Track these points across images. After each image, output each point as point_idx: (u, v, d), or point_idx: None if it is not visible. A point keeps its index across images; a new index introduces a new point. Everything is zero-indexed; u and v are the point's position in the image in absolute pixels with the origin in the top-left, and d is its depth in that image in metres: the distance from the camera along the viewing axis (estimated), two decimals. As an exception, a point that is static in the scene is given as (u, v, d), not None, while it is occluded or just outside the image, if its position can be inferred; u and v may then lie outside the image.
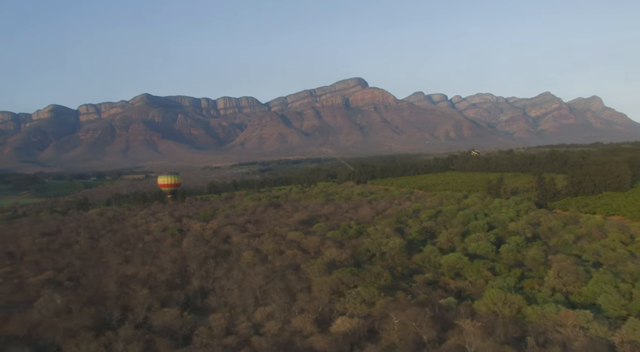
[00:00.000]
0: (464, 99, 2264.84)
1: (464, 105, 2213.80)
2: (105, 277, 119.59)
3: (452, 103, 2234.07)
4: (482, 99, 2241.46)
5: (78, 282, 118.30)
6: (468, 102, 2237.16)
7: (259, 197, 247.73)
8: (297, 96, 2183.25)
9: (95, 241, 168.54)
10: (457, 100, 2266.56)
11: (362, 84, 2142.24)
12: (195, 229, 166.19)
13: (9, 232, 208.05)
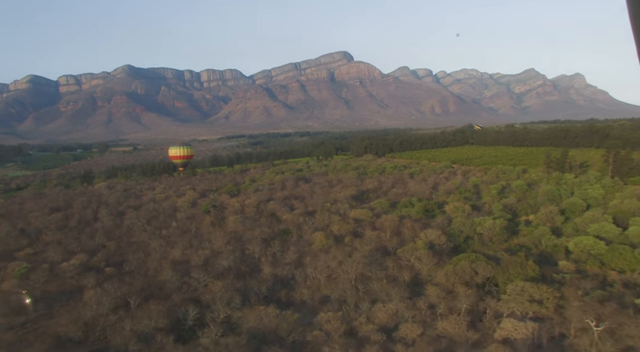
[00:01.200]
0: (448, 75, 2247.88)
1: (448, 80, 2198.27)
2: (151, 262, 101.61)
3: (437, 78, 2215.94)
4: (466, 75, 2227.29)
5: (120, 268, 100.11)
6: (453, 78, 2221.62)
7: (281, 171, 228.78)
8: (282, 69, 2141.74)
9: (118, 218, 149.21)
10: (442, 75, 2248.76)
11: (347, 57, 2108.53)
12: (232, 205, 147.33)
13: (12, 207, 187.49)
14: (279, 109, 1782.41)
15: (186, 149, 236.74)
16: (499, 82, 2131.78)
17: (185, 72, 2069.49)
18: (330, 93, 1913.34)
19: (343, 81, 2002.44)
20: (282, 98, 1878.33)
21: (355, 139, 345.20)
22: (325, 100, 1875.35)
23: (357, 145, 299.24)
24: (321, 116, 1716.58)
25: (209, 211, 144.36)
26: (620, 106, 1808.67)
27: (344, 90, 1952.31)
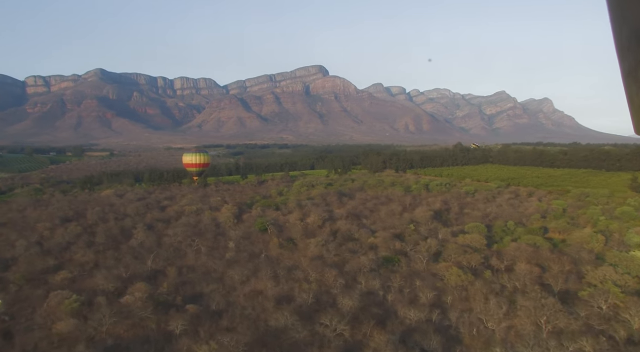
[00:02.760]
0: (422, 93, 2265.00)
1: (421, 99, 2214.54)
2: (241, 298, 79.31)
3: (411, 97, 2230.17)
4: (439, 95, 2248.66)
5: (204, 305, 77.38)
6: (426, 97, 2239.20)
7: (311, 184, 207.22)
8: (257, 81, 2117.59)
9: (154, 234, 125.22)
10: (416, 94, 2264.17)
11: (323, 72, 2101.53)
12: (291, 223, 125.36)
13: (12, 215, 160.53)
14: (253, 120, 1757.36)
15: (202, 156, 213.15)
16: (470, 103, 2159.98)
17: (159, 78, 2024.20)
18: (305, 107, 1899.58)
19: (318, 95, 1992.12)
20: (257, 109, 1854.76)
21: (372, 154, 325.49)
22: (299, 113, 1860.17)
23: (375, 160, 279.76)
24: (296, 129, 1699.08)
25: (266, 230, 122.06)
26: (586, 132, 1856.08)
27: (318, 104, 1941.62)
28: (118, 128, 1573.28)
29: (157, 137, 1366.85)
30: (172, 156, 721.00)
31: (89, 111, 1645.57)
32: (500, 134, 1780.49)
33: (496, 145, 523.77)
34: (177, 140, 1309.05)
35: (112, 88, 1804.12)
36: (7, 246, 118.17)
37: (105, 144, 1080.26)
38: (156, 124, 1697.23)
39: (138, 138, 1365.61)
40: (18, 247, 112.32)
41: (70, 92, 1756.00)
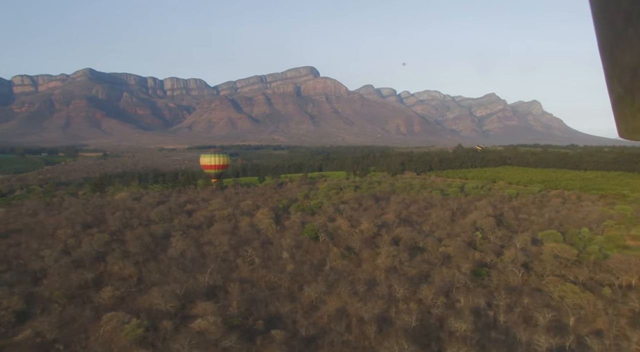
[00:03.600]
0: (412, 95, 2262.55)
1: (412, 100, 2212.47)
2: (325, 320, 68.59)
3: (401, 98, 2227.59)
4: (429, 96, 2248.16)
5: (291, 329, 66.55)
6: (416, 98, 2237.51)
7: (338, 186, 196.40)
8: (247, 81, 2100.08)
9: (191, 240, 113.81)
10: (406, 95, 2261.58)
11: (313, 73, 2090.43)
12: (343, 229, 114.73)
13: (26, 219, 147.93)
14: (244, 121, 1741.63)
15: (221, 157, 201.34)
16: (460, 105, 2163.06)
17: (149, 79, 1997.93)
18: (295, 107, 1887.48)
19: (309, 96, 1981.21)
20: (248, 110, 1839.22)
21: (390, 155, 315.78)
22: (290, 114, 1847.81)
23: (393, 162, 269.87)
24: (287, 130, 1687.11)
25: (317, 237, 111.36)
26: (574, 134, 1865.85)
27: (309, 105, 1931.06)
28: (107, 128, 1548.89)
29: (148, 138, 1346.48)
30: (167, 157, 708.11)
31: (77, 111, 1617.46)
32: (490, 136, 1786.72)
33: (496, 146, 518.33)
34: (167, 140, 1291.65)
35: (101, 88, 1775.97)
36: (31, 255, 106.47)
37: (94, 145, 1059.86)
38: (146, 125, 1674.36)
39: (128, 138, 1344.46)
40: (46, 258, 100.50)
41: (58, 91, 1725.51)
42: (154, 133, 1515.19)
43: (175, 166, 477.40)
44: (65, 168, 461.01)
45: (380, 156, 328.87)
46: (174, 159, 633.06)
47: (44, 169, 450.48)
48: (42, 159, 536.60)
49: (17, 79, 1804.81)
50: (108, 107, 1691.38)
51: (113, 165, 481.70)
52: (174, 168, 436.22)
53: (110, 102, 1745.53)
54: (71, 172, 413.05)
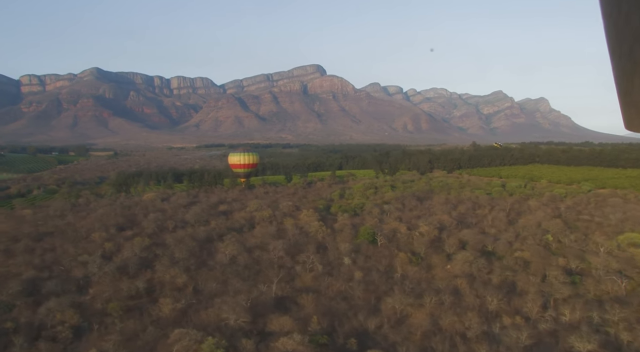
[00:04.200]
0: (418, 93, 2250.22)
1: (418, 98, 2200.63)
2: (418, 337, 60.96)
3: (407, 96, 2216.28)
4: (436, 94, 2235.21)
5: (388, 349, 58.97)
6: (423, 96, 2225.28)
7: (373, 185, 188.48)
8: (254, 80, 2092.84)
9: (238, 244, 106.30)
10: (412, 93, 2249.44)
11: (320, 71, 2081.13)
12: (401, 232, 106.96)
13: (56, 221, 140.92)
14: (250, 119, 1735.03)
15: (250, 156, 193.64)
16: (467, 103, 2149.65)
17: (155, 78, 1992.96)
18: (302, 106, 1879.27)
19: (316, 94, 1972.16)
20: (254, 109, 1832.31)
21: (416, 153, 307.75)
22: (297, 112, 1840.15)
23: (421, 160, 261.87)
24: (294, 129, 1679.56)
25: (375, 241, 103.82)
26: (582, 131, 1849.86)
27: (316, 103, 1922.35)
28: (115, 127, 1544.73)
29: (156, 137, 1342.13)
30: (177, 156, 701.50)
31: (85, 110, 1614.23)
32: (498, 134, 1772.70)
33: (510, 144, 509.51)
34: (175, 139, 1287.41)
35: (108, 87, 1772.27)
36: (71, 261, 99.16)
37: (102, 144, 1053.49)
38: (153, 123, 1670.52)
39: (136, 137, 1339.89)
40: (89, 264, 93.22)
41: (65, 91, 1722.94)
42: (161, 132, 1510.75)
43: (188, 165, 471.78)
44: (78, 167, 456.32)
45: (401, 154, 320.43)
46: (185, 158, 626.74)
47: (57, 168, 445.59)
48: (54, 158, 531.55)
49: (25, 78, 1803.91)
50: (115, 106, 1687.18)
51: (126, 164, 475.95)
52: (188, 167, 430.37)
53: (117, 101, 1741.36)
54: (85, 171, 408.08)
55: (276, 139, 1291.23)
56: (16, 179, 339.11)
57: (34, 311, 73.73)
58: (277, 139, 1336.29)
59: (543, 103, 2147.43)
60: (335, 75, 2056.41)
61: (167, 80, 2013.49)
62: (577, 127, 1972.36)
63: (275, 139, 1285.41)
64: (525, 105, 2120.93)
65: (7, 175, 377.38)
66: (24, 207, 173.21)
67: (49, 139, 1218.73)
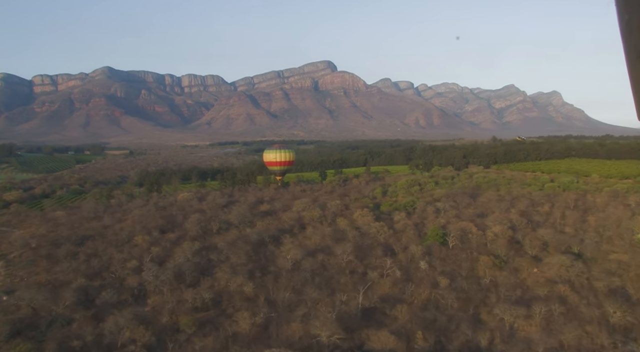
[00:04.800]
0: (429, 88, 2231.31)
1: (429, 93, 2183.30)
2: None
3: (418, 91, 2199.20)
4: (447, 89, 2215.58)
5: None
6: (434, 91, 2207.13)
7: (416, 182, 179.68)
8: (265, 77, 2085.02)
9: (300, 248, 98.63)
10: (423, 88, 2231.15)
11: (331, 67, 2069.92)
12: (474, 233, 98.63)
13: (93, 224, 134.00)
14: (262, 116, 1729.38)
15: (286, 153, 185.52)
16: (479, 97, 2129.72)
17: (166, 76, 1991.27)
18: (314, 102, 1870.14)
19: (327, 91, 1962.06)
20: (266, 106, 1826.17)
21: (452, 149, 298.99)
22: (309, 109, 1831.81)
23: (455, 155, 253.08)
24: (306, 125, 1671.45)
25: (445, 242, 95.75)
26: (596, 124, 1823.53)
27: (327, 99, 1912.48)
28: (127, 126, 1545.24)
29: (168, 135, 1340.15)
30: (192, 154, 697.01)
31: (97, 109, 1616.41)
32: (511, 128, 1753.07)
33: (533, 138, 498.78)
34: (188, 137, 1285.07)
35: (119, 86, 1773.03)
36: (120, 267, 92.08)
37: (115, 142, 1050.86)
38: (165, 122, 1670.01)
39: (149, 136, 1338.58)
40: (145, 273, 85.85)
41: (77, 90, 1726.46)
42: (173, 130, 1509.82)
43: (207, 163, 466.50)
44: (97, 166, 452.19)
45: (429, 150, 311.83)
46: (200, 156, 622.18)
47: (76, 167, 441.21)
48: (72, 157, 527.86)
49: (37, 78, 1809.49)
50: (127, 105, 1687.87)
51: (144, 163, 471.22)
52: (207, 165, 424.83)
53: (129, 100, 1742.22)
54: (105, 171, 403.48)
55: (288, 136, 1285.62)
56: (37, 179, 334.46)
57: (95, 325, 66.79)
58: (289, 135, 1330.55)
59: (555, 96, 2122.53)
60: (346, 71, 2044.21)
61: (178, 79, 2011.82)
62: (590, 121, 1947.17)
63: (287, 136, 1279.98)
64: (538, 99, 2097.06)
65: (28, 175, 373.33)
66: (54, 209, 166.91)
67: (62, 138, 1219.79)
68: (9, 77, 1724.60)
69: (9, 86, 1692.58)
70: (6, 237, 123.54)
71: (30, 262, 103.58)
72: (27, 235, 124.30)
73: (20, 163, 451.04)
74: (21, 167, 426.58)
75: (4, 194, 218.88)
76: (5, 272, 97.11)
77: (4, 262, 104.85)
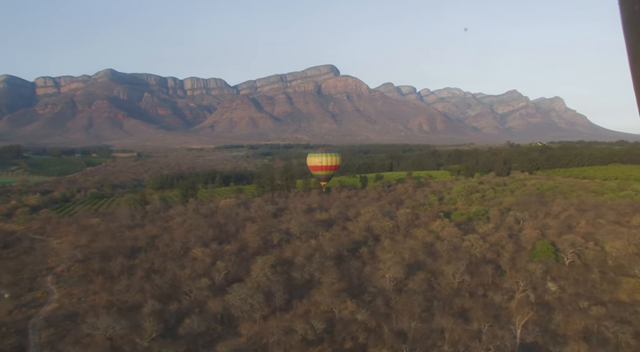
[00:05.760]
0: (432, 93, 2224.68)
1: (432, 98, 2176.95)
2: None
3: (421, 96, 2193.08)
4: (450, 94, 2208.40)
5: None
6: (436, 96, 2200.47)
7: (474, 189, 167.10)
8: (267, 80, 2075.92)
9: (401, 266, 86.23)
10: (426, 93, 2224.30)
11: (334, 71, 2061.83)
12: (590, 247, 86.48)
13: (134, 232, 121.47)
14: (265, 120, 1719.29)
15: (333, 157, 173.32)
16: (482, 102, 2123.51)
17: (169, 79, 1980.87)
18: (317, 106, 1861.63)
19: (330, 95, 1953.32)
20: (269, 109, 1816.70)
21: (487, 154, 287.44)
22: (312, 113, 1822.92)
23: (494, 160, 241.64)
24: (309, 129, 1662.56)
25: (557, 258, 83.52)
26: (598, 130, 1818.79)
27: (330, 103, 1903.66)
28: (129, 129, 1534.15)
29: (172, 138, 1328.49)
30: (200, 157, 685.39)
31: (99, 112, 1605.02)
32: (513, 133, 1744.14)
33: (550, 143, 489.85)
34: (191, 141, 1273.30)
35: (122, 88, 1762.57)
36: (193, 288, 79.69)
37: (118, 145, 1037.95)
38: (167, 125, 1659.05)
39: (152, 139, 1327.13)
40: (230, 295, 73.23)
41: (80, 92, 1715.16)
42: (176, 133, 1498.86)
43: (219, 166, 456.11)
44: (108, 169, 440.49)
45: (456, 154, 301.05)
46: (209, 159, 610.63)
47: (87, 170, 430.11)
48: (81, 160, 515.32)
49: (40, 80, 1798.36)
50: (129, 107, 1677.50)
51: (157, 166, 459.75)
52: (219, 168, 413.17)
53: (131, 102, 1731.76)
54: (117, 174, 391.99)
55: (292, 140, 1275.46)
56: (51, 181, 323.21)
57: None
58: (293, 139, 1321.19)
59: (558, 102, 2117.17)
60: (349, 75, 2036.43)
61: (180, 82, 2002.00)
62: (593, 127, 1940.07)
63: (291, 140, 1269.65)
64: (540, 105, 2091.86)
65: (39, 177, 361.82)
66: (87, 215, 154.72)
67: (64, 140, 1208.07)
68: (12, 79, 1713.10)
69: (11, 88, 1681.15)
70: (48, 248, 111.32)
71: (82, 277, 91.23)
72: (68, 245, 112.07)
73: (30, 165, 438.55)
74: (31, 170, 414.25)
75: (22, 197, 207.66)
76: (59, 291, 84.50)
77: (53, 277, 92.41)
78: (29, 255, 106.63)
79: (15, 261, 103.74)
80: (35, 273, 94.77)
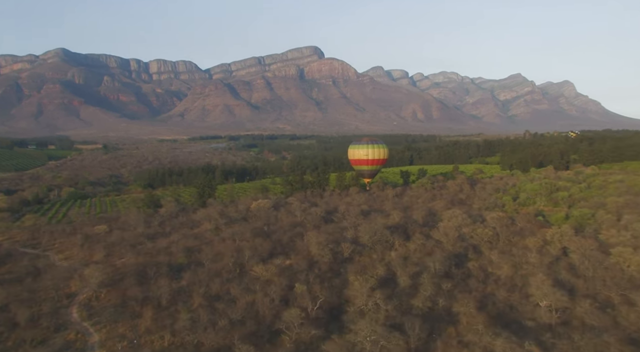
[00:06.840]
0: (426, 77, 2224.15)
1: (426, 83, 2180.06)
2: None
3: (414, 81, 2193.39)
4: (446, 78, 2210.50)
5: None
6: (431, 81, 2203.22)
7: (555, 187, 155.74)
8: (244, 64, 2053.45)
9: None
10: (419, 78, 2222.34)
11: (318, 53, 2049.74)
12: None
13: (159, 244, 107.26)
14: (242, 108, 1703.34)
15: (380, 149, 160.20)
16: (481, 88, 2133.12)
17: (132, 61, 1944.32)
18: (299, 92, 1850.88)
19: (314, 80, 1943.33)
20: (245, 96, 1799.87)
21: (534, 146, 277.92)
22: (294, 100, 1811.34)
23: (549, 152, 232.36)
24: (291, 118, 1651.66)
25: None
26: (614, 117, 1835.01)
27: (314, 89, 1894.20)
28: (87, 117, 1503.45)
29: (137, 128, 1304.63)
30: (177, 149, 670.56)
31: (51, 97, 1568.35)
32: (517, 122, 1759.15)
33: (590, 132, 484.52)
34: (160, 131, 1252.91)
35: (77, 71, 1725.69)
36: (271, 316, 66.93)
37: (75, 136, 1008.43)
38: (131, 113, 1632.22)
39: (114, 128, 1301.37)
40: (352, 335, 60.30)
41: (26, 74, 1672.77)
42: (142, 122, 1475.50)
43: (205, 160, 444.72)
44: (75, 164, 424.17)
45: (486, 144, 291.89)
46: (189, 152, 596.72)
47: (50, 164, 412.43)
48: (41, 152, 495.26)
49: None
50: (86, 93, 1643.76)
51: (133, 160, 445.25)
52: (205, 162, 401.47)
53: (89, 87, 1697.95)
54: (88, 169, 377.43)
55: (273, 130, 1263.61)
56: (10, 178, 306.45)
57: None
58: (274, 129, 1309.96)
59: (568, 87, 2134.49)
60: (334, 58, 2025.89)
61: (145, 64, 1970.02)
62: (608, 114, 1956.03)
63: (272, 130, 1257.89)
64: (548, 90, 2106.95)
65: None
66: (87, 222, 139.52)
67: (9, 130, 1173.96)
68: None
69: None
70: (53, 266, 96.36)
71: (120, 308, 76.28)
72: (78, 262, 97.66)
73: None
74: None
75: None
76: (98, 330, 69.38)
77: (79, 308, 77.43)
78: (35, 277, 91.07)
79: (18, 286, 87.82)
80: (54, 303, 79.57)
